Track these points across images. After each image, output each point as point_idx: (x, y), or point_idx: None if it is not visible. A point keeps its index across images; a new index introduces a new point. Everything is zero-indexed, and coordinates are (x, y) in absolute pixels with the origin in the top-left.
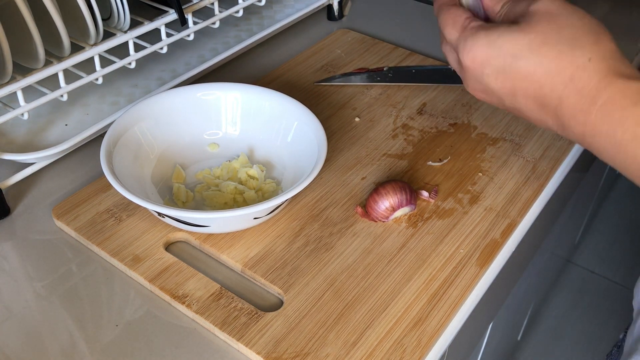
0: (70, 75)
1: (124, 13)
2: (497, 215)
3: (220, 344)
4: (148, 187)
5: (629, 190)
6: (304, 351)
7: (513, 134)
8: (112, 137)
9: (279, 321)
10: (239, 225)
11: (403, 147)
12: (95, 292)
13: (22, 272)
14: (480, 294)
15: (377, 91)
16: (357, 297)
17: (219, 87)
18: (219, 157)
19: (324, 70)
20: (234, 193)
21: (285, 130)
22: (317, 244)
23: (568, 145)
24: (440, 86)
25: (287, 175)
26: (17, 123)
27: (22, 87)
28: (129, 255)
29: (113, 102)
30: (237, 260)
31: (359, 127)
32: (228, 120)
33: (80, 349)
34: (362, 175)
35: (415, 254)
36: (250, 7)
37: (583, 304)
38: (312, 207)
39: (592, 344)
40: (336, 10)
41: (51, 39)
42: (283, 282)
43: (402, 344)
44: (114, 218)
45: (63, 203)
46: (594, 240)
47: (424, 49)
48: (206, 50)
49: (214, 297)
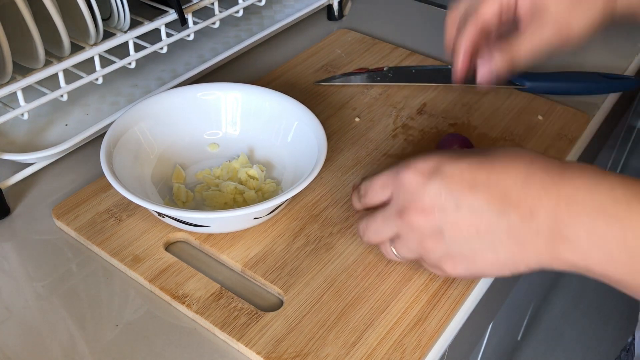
0: (70, 75)
1: (124, 13)
2: None
3: (220, 344)
4: (148, 187)
5: None
6: (304, 351)
7: (513, 134)
8: (112, 137)
9: (279, 321)
10: (239, 225)
11: (403, 147)
12: (95, 292)
13: (22, 272)
14: (480, 294)
15: (377, 91)
16: (357, 297)
17: (219, 87)
18: (219, 157)
19: (324, 70)
20: (234, 193)
21: (285, 130)
22: (317, 244)
23: (568, 145)
24: (440, 86)
25: (287, 175)
26: (17, 123)
27: (22, 87)
28: (129, 255)
29: (113, 102)
30: (237, 260)
31: (359, 127)
32: (228, 120)
33: (80, 349)
34: (362, 175)
35: None
36: (250, 7)
37: (583, 304)
38: (312, 207)
39: (592, 344)
40: (336, 10)
41: (51, 39)
42: (283, 282)
43: (402, 344)
44: (114, 218)
45: (63, 203)
46: None
47: (424, 49)
48: (206, 50)
49: (214, 297)
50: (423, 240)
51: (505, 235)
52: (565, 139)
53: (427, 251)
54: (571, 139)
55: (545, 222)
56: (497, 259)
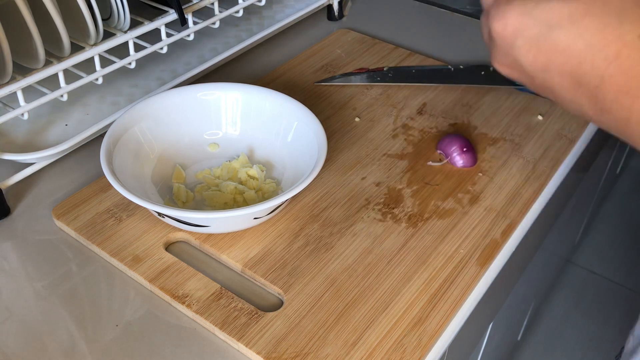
0: (70, 75)
1: (124, 13)
2: (497, 215)
3: (220, 344)
4: (148, 187)
5: (629, 190)
6: (304, 351)
7: (513, 134)
8: (112, 137)
9: (279, 321)
10: (239, 225)
11: (403, 147)
12: (95, 292)
13: (22, 272)
14: (480, 294)
15: (377, 91)
16: (357, 297)
17: (219, 87)
18: (219, 157)
19: (324, 70)
20: (234, 193)
21: (285, 130)
22: (317, 244)
23: (568, 145)
24: (440, 86)
25: (287, 175)
26: (17, 123)
27: (22, 87)
28: (129, 255)
29: (113, 102)
30: (237, 260)
31: (359, 127)
32: (228, 120)
33: (80, 349)
34: (362, 175)
35: (416, 254)
36: (250, 7)
37: (583, 304)
38: (312, 207)
39: (592, 344)
40: (336, 10)
41: (51, 39)
42: (283, 282)
43: (402, 344)
44: (114, 218)
45: (63, 203)
46: (594, 240)
47: (424, 49)
48: (206, 50)
49: (214, 297)
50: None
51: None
52: (565, 139)
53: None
54: (571, 139)
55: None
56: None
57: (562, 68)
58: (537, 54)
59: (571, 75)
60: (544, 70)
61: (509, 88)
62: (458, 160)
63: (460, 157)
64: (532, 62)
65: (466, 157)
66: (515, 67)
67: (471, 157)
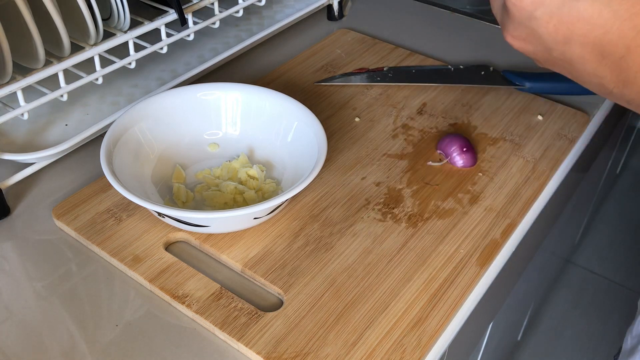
0: (70, 75)
1: (124, 13)
2: (497, 215)
3: (220, 344)
4: (148, 187)
5: (629, 190)
6: (304, 351)
7: (513, 134)
8: (112, 137)
9: (279, 321)
10: (239, 225)
11: (403, 147)
12: (95, 292)
13: (22, 272)
14: (480, 294)
15: (377, 91)
16: (357, 297)
17: (219, 87)
18: (219, 157)
19: (324, 70)
20: (234, 193)
21: (285, 130)
22: (317, 244)
23: (568, 145)
24: (440, 86)
25: (287, 175)
26: (17, 123)
27: (22, 87)
28: (129, 255)
29: (113, 102)
30: (237, 260)
31: (359, 127)
32: (228, 121)
33: (80, 349)
34: (362, 175)
35: (415, 254)
36: (250, 7)
37: (583, 304)
38: (312, 207)
39: (592, 344)
40: (336, 10)
41: (51, 39)
42: (283, 282)
43: (402, 344)
44: (114, 218)
45: (63, 203)
46: (594, 240)
47: (424, 49)
48: (206, 50)
49: (214, 297)
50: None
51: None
52: (565, 139)
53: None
54: (571, 139)
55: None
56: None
57: (585, 38)
58: (558, 25)
59: (594, 45)
60: (565, 42)
61: (509, 88)
62: (458, 160)
63: (460, 157)
64: (553, 33)
65: (466, 157)
66: (531, 40)
67: (471, 157)
